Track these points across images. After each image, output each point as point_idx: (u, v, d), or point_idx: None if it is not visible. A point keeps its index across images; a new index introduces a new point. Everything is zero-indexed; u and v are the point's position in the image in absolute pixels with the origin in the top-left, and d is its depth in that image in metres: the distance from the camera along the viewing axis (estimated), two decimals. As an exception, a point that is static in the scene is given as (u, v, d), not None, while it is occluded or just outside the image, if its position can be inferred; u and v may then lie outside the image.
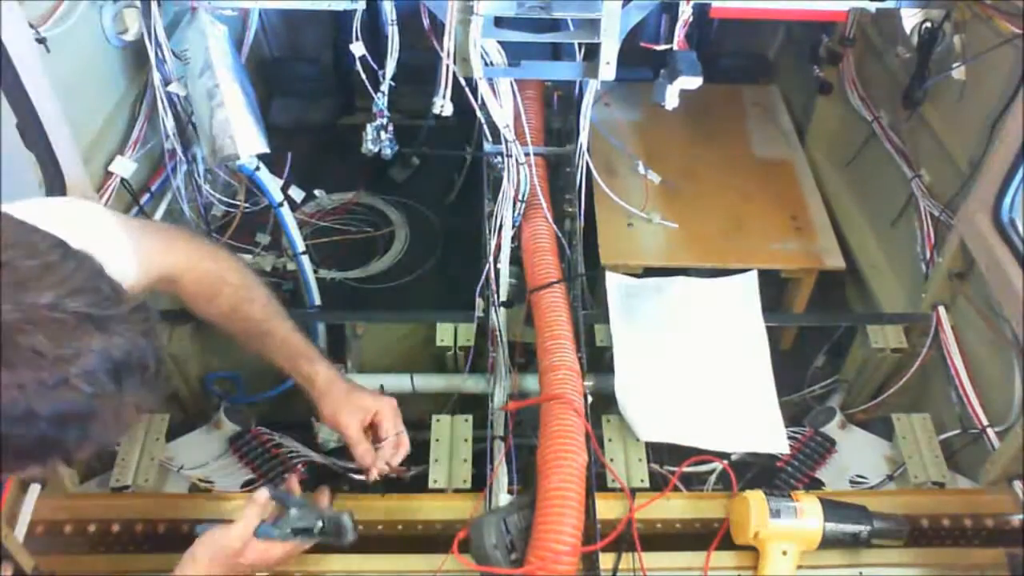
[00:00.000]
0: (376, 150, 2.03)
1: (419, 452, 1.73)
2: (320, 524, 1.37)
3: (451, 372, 1.89)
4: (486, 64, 1.58)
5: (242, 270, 1.50)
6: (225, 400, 1.88)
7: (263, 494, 1.34)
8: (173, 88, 1.85)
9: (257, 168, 1.95)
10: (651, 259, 2.30)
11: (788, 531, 1.40)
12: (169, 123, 1.89)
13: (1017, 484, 1.58)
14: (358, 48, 1.84)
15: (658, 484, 1.64)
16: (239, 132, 1.85)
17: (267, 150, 1.91)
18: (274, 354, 1.48)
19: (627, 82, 2.48)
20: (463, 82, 1.57)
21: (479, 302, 1.84)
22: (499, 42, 1.59)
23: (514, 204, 1.82)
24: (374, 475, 1.46)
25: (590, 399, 1.65)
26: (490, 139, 1.79)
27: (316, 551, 1.45)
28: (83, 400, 0.77)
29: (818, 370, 2.15)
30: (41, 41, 1.51)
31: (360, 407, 1.46)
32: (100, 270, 0.84)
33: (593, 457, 1.46)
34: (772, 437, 1.70)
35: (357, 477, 1.66)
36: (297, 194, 2.22)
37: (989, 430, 1.71)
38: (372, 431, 1.48)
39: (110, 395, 0.80)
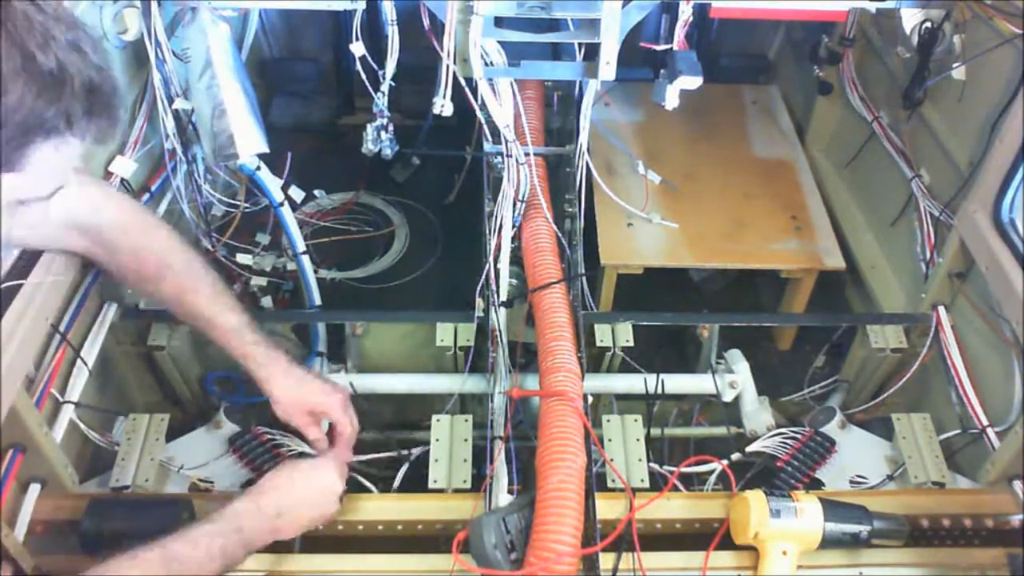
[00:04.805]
0: (376, 150, 2.03)
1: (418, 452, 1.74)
2: None
3: (451, 372, 1.89)
4: (486, 64, 1.58)
5: (186, 253, 1.50)
6: (225, 400, 1.87)
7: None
8: (178, 104, 1.86)
9: (258, 168, 1.95)
10: (651, 259, 2.30)
11: (788, 531, 1.40)
12: (169, 123, 1.89)
13: (1017, 484, 1.58)
14: (358, 48, 1.84)
15: (658, 484, 1.64)
16: (239, 132, 1.85)
17: (267, 150, 1.91)
18: (224, 347, 1.51)
19: (627, 82, 2.49)
20: (463, 82, 1.57)
21: (479, 302, 1.84)
22: (499, 42, 1.59)
23: (514, 204, 1.82)
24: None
25: (590, 399, 1.65)
26: (490, 139, 1.79)
27: (317, 550, 1.45)
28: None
29: (818, 370, 2.15)
30: (41, 41, 1.51)
31: (308, 409, 1.53)
32: None
33: (593, 457, 1.46)
34: None
35: (357, 478, 1.67)
36: (297, 194, 2.22)
37: (989, 430, 1.72)
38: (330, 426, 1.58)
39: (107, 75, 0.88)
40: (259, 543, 1.33)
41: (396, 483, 1.71)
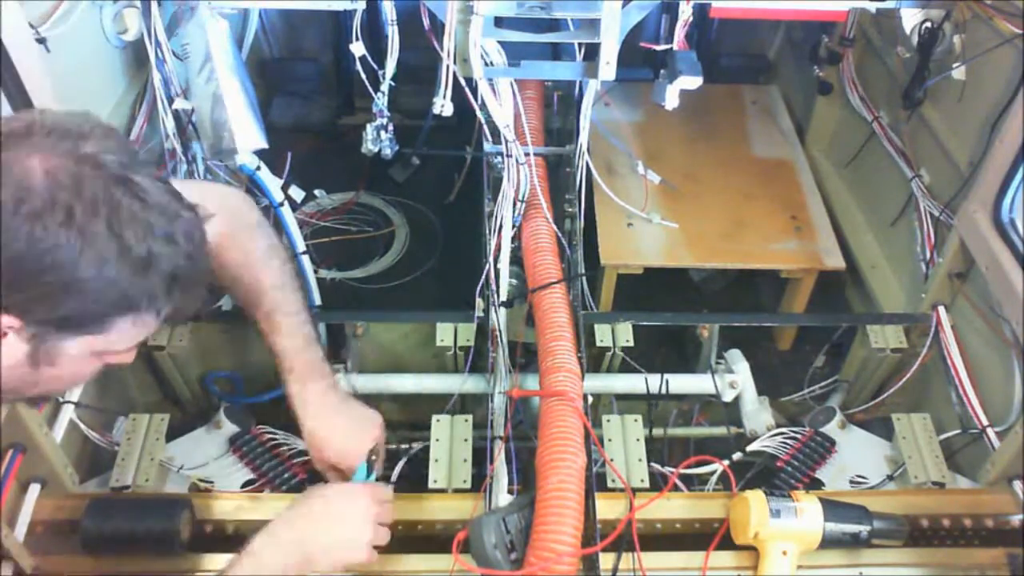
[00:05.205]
0: (376, 150, 2.03)
1: (419, 452, 1.74)
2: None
3: (451, 372, 1.89)
4: (486, 64, 1.58)
5: (283, 269, 1.52)
6: (225, 400, 1.87)
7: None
8: (178, 104, 1.85)
9: (258, 168, 1.95)
10: (651, 259, 2.30)
11: (788, 531, 1.40)
12: (169, 123, 1.89)
13: (1017, 484, 1.58)
14: (358, 48, 1.84)
15: (658, 484, 1.64)
16: (238, 127, 1.85)
17: (266, 145, 1.91)
18: (271, 353, 1.49)
19: (627, 82, 2.49)
20: (463, 82, 1.57)
21: (479, 302, 1.84)
22: (499, 42, 1.59)
23: (514, 204, 1.82)
24: None
25: (590, 399, 1.65)
26: (490, 139, 1.79)
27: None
28: (181, 253, 0.95)
29: (818, 370, 2.15)
30: (41, 41, 1.51)
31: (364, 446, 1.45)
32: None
33: (593, 457, 1.46)
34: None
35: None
36: (297, 194, 2.22)
37: (989, 430, 1.72)
38: None
39: (196, 263, 0.98)
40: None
41: (394, 476, 1.70)
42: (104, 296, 0.91)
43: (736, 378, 1.89)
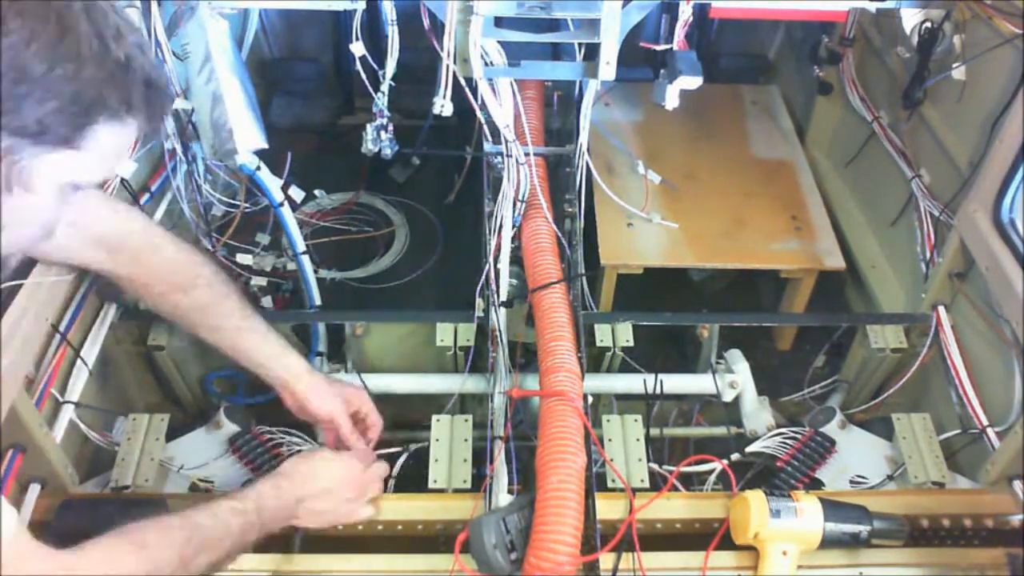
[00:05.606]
0: (376, 150, 2.03)
1: (419, 453, 1.74)
2: None
3: (451, 372, 1.89)
4: (486, 64, 1.58)
5: (211, 263, 1.58)
6: (225, 400, 1.87)
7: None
8: (177, 105, 1.86)
9: (258, 168, 1.95)
10: (651, 259, 2.30)
11: (788, 531, 1.40)
12: (169, 123, 1.89)
13: (1017, 484, 1.58)
14: (358, 48, 1.84)
15: (658, 484, 1.64)
16: (238, 127, 1.85)
17: (266, 145, 1.91)
18: (249, 352, 1.56)
19: (627, 82, 2.49)
20: (463, 82, 1.57)
21: (479, 302, 1.84)
22: (499, 42, 1.59)
23: (514, 204, 1.82)
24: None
25: (590, 399, 1.65)
26: (490, 139, 1.79)
27: (316, 551, 1.45)
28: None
29: (818, 370, 2.15)
30: (41, 41, 1.51)
31: (344, 396, 1.63)
32: None
33: (593, 457, 1.46)
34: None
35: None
36: (297, 194, 2.22)
37: (989, 430, 1.72)
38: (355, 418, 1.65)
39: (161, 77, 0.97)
40: (275, 525, 1.36)
41: (394, 471, 1.70)
42: (82, 96, 0.87)
43: (736, 378, 1.89)
